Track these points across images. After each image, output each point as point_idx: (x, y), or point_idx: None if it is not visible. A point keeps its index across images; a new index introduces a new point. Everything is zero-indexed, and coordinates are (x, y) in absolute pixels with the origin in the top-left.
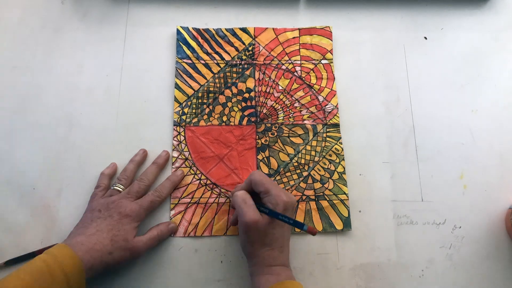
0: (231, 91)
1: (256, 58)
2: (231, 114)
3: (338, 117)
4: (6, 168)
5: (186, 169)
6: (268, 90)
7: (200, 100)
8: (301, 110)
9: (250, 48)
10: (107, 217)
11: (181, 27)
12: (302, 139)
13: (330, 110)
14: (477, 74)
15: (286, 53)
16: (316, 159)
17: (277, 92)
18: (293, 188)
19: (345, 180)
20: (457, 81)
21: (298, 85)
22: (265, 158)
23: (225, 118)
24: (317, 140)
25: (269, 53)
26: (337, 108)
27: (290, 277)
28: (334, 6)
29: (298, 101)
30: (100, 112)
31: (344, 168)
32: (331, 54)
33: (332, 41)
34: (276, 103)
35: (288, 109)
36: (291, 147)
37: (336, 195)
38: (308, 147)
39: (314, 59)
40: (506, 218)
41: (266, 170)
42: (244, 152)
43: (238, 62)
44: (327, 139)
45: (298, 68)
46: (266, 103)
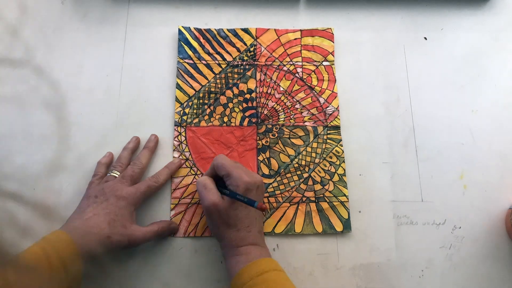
0: (232, 91)
1: (258, 59)
2: (232, 114)
3: (338, 119)
4: (7, 168)
5: (187, 170)
6: (269, 91)
7: (201, 101)
8: (302, 112)
9: (252, 49)
10: (104, 201)
11: (182, 27)
12: (303, 141)
13: (331, 112)
14: (477, 74)
15: (288, 54)
16: (317, 160)
17: (278, 94)
18: (293, 189)
19: (345, 182)
20: (457, 81)
21: (299, 87)
22: (265, 159)
23: (226, 119)
24: (317, 142)
25: (271, 54)
26: (338, 110)
27: (261, 255)
28: (334, 7)
29: (299, 103)
30: (100, 112)
31: (345, 170)
32: (333, 56)
33: (333, 42)
34: (277, 104)
35: (289, 111)
36: (292, 148)
37: (336, 197)
38: (309, 149)
39: (315, 61)
40: (506, 218)
41: (266, 171)
42: (244, 153)
43: (240, 63)
44: (328, 141)
45: (299, 70)
46: (267, 104)
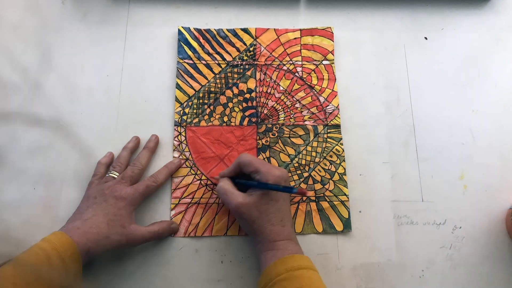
0: (232, 91)
1: (257, 59)
2: (232, 114)
3: (339, 118)
4: (7, 168)
5: (187, 170)
6: (269, 91)
7: (201, 100)
8: (302, 111)
9: (252, 49)
10: (103, 202)
11: (182, 27)
12: (303, 140)
13: (331, 111)
14: (478, 74)
15: (288, 54)
16: (317, 160)
17: (278, 93)
18: None
19: (346, 181)
20: (458, 81)
21: (299, 86)
22: (265, 159)
23: (226, 119)
24: (317, 141)
25: (270, 53)
26: (338, 109)
27: (297, 251)
28: (335, 6)
29: (299, 102)
30: (101, 112)
31: (345, 169)
32: (333, 55)
33: (333, 42)
34: (277, 104)
35: (289, 110)
36: (292, 147)
37: (336, 196)
38: (309, 148)
39: (315, 60)
40: (507, 218)
41: None
42: (245, 152)
43: (239, 63)
44: (328, 140)
45: (299, 69)
46: (267, 103)
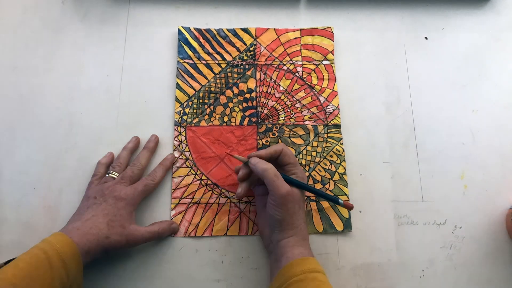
0: (232, 91)
1: (258, 59)
2: (232, 114)
3: (339, 117)
4: (7, 168)
5: (187, 170)
6: (269, 91)
7: (201, 100)
8: (302, 111)
9: (252, 49)
10: (102, 202)
11: (182, 27)
12: (303, 140)
13: (331, 111)
14: (478, 74)
15: (288, 54)
16: (317, 159)
17: (278, 93)
18: None
19: (346, 181)
20: (458, 81)
21: (299, 86)
22: None
23: (226, 119)
24: (318, 141)
25: (271, 53)
26: (338, 109)
27: (312, 254)
28: (335, 7)
29: (299, 102)
30: (101, 112)
31: (345, 169)
32: (333, 54)
33: (333, 41)
34: (277, 104)
35: (289, 110)
36: (292, 147)
37: (336, 195)
38: (309, 148)
39: (315, 60)
40: (507, 218)
41: None
42: (245, 153)
43: (239, 63)
44: (328, 139)
45: (299, 69)
46: (267, 103)
